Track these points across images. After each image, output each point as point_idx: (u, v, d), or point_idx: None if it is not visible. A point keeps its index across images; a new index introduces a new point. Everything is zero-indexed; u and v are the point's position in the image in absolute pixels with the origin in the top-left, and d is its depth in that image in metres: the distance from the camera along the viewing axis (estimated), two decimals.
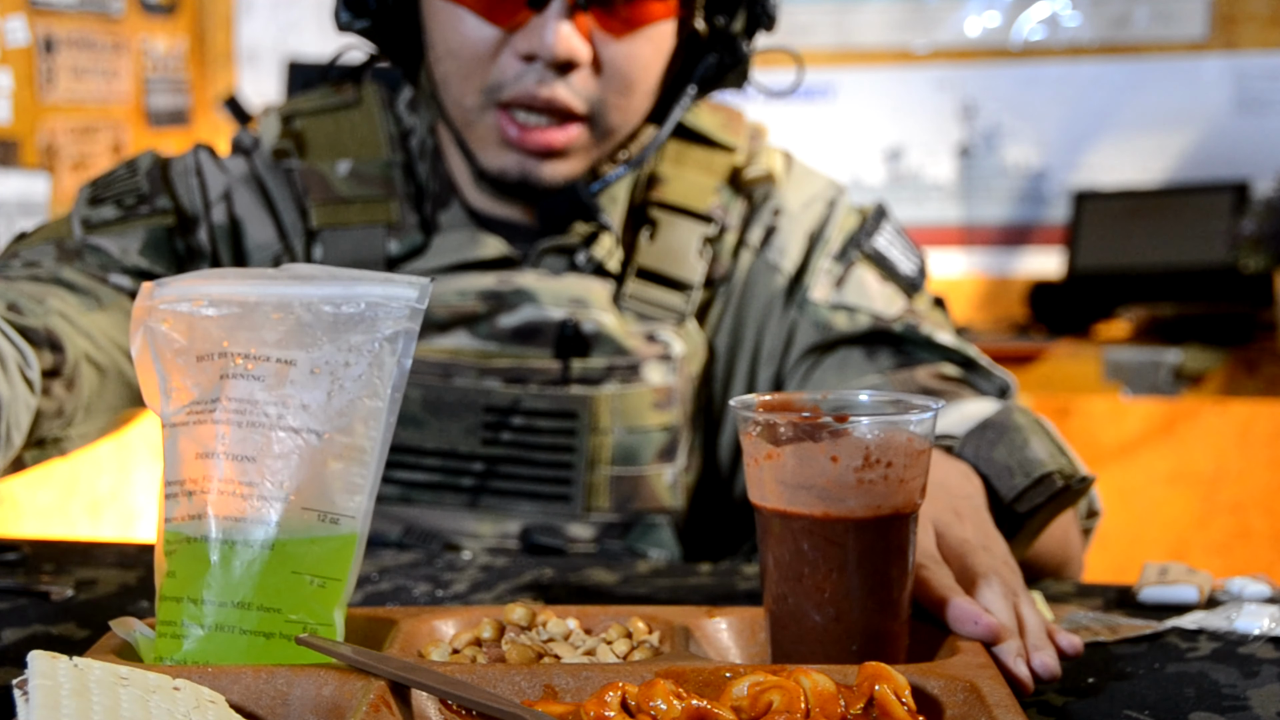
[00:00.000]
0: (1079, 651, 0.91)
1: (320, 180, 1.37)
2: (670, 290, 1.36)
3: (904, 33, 3.84)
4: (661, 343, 1.33)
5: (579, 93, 1.28)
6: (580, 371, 1.31)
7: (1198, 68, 3.64)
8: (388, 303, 0.86)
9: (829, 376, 1.35)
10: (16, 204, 3.47)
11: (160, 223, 1.36)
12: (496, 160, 1.31)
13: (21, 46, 3.63)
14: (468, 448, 1.32)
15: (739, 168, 1.41)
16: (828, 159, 3.82)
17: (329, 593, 0.84)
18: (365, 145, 1.38)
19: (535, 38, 1.25)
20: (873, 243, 1.40)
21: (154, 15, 4.05)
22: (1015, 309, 3.70)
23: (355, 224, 1.36)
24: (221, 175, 1.40)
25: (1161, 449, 3.48)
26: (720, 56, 1.35)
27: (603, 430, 1.32)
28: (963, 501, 1.02)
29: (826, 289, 1.38)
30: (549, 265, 1.35)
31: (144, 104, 4.01)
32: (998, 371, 1.35)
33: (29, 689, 0.70)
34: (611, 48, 1.28)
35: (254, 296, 0.86)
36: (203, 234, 1.37)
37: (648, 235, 1.37)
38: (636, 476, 1.33)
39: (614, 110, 1.30)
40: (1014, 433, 1.14)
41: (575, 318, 1.31)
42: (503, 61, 1.27)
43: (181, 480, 0.85)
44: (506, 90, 1.28)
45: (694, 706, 0.73)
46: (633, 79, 1.29)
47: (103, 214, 1.36)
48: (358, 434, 0.85)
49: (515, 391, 1.31)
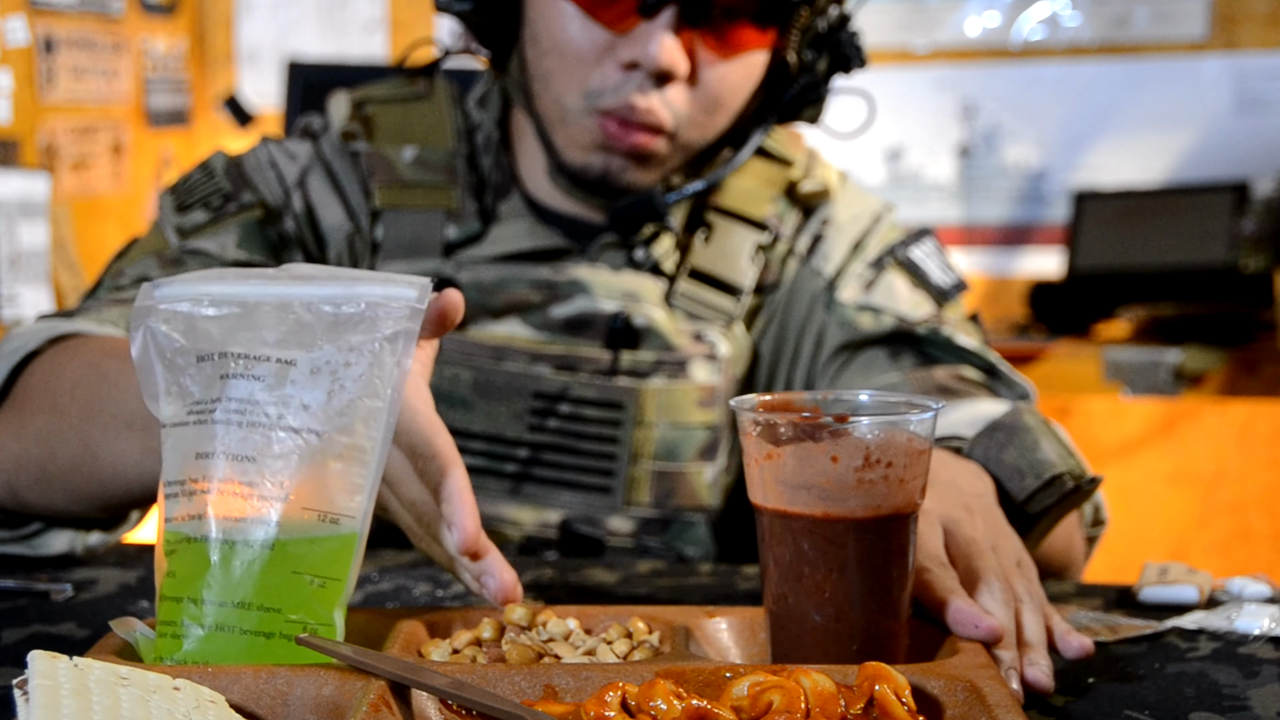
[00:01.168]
0: (1090, 652, 0.91)
1: (385, 163, 1.39)
2: (721, 293, 1.38)
3: (904, 33, 3.85)
4: (708, 342, 1.35)
5: (670, 106, 1.30)
6: (629, 364, 1.33)
7: (1198, 68, 3.64)
8: (388, 303, 0.86)
9: (855, 378, 1.37)
10: (16, 204, 3.48)
11: (250, 216, 1.37)
12: (584, 157, 1.33)
13: (21, 46, 3.63)
14: (514, 433, 1.34)
15: (796, 181, 1.44)
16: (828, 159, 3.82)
17: (329, 593, 0.84)
18: (432, 133, 1.40)
19: (640, 46, 1.27)
20: (908, 252, 1.42)
21: (154, 15, 4.05)
22: (1015, 309, 3.70)
23: (417, 207, 1.38)
24: (293, 164, 1.41)
25: (1161, 449, 3.48)
26: (803, 90, 1.37)
27: (647, 424, 1.33)
28: (974, 499, 1.02)
29: (856, 290, 1.40)
30: (608, 260, 1.37)
31: (144, 104, 4.01)
32: (1018, 379, 1.36)
33: (29, 689, 0.70)
34: (710, 68, 1.30)
35: (254, 296, 0.86)
36: (289, 222, 1.39)
37: (703, 238, 1.39)
38: (677, 473, 1.34)
39: (696, 127, 1.32)
40: (1024, 434, 1.14)
41: (627, 311, 1.34)
42: (605, 67, 1.29)
43: (182, 480, 0.85)
44: (607, 98, 1.29)
45: (694, 706, 0.73)
46: (722, 100, 1.32)
47: (194, 219, 1.37)
48: (358, 434, 0.85)
49: (564, 379, 1.33)
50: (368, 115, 1.42)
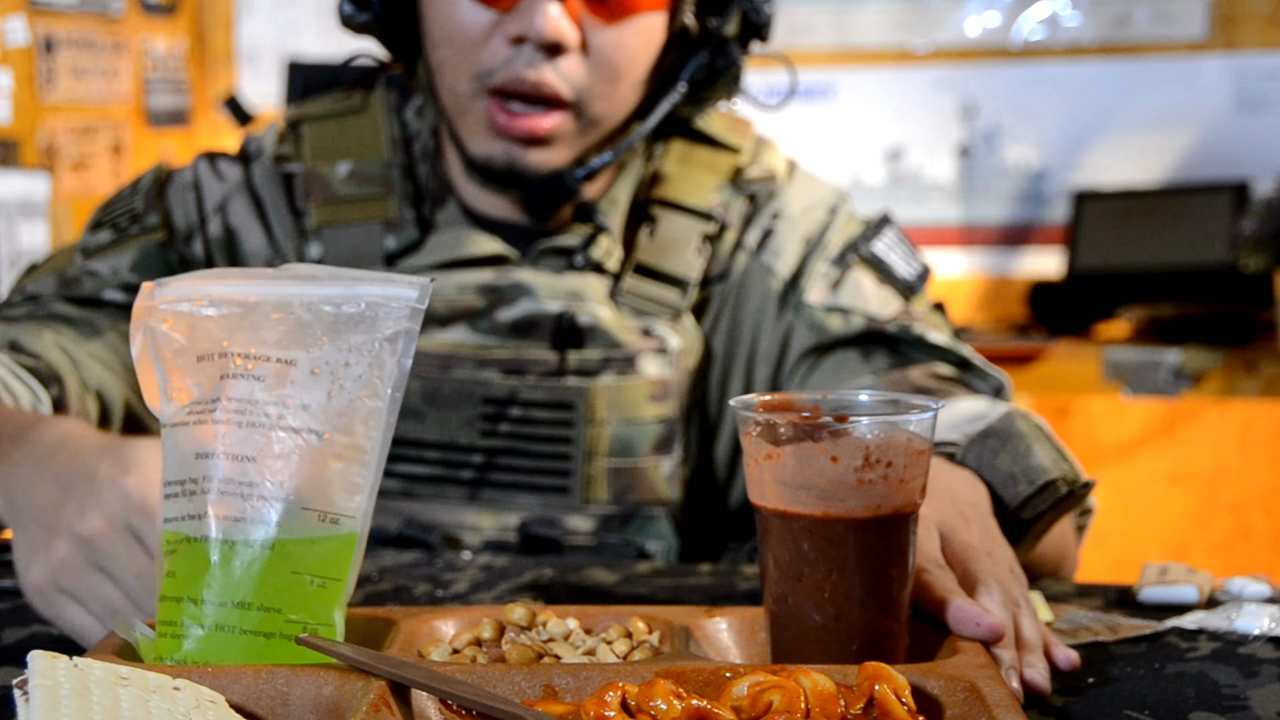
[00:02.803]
0: (1076, 666, 0.91)
1: (320, 181, 1.40)
2: (667, 286, 1.37)
3: (904, 33, 3.85)
4: (657, 337, 1.35)
5: (566, 78, 1.29)
6: (576, 363, 1.33)
7: (1198, 68, 3.64)
8: (388, 303, 0.86)
9: (826, 378, 1.37)
10: (16, 204, 3.48)
11: (151, 239, 1.40)
12: (484, 147, 1.33)
13: (21, 46, 3.63)
14: (467, 439, 1.34)
15: (741, 168, 1.43)
16: (828, 159, 3.82)
17: (329, 593, 0.84)
18: (367, 146, 1.41)
19: (525, 20, 1.27)
20: (871, 247, 1.42)
21: (154, 15, 4.05)
22: (1015, 309, 3.70)
23: (354, 221, 1.38)
24: (219, 185, 1.43)
25: (1161, 449, 3.48)
26: (711, 58, 1.36)
27: (599, 422, 1.33)
28: (969, 508, 1.02)
29: (822, 291, 1.39)
30: (547, 265, 1.37)
31: (144, 104, 4.01)
32: (992, 371, 1.36)
33: (29, 689, 0.70)
34: (599, 34, 1.30)
35: (254, 296, 0.86)
36: (197, 246, 1.41)
37: (648, 232, 1.39)
38: (634, 468, 1.34)
39: (600, 99, 1.32)
40: (1017, 440, 1.14)
41: (571, 311, 1.33)
42: (494, 45, 1.29)
43: (182, 480, 0.85)
44: (497, 75, 1.30)
45: (694, 706, 0.73)
46: (620, 68, 1.31)
47: (99, 239, 1.41)
48: (358, 434, 0.85)
49: (513, 383, 1.33)
50: (301, 135, 1.43)
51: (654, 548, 1.34)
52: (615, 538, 1.34)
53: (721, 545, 1.44)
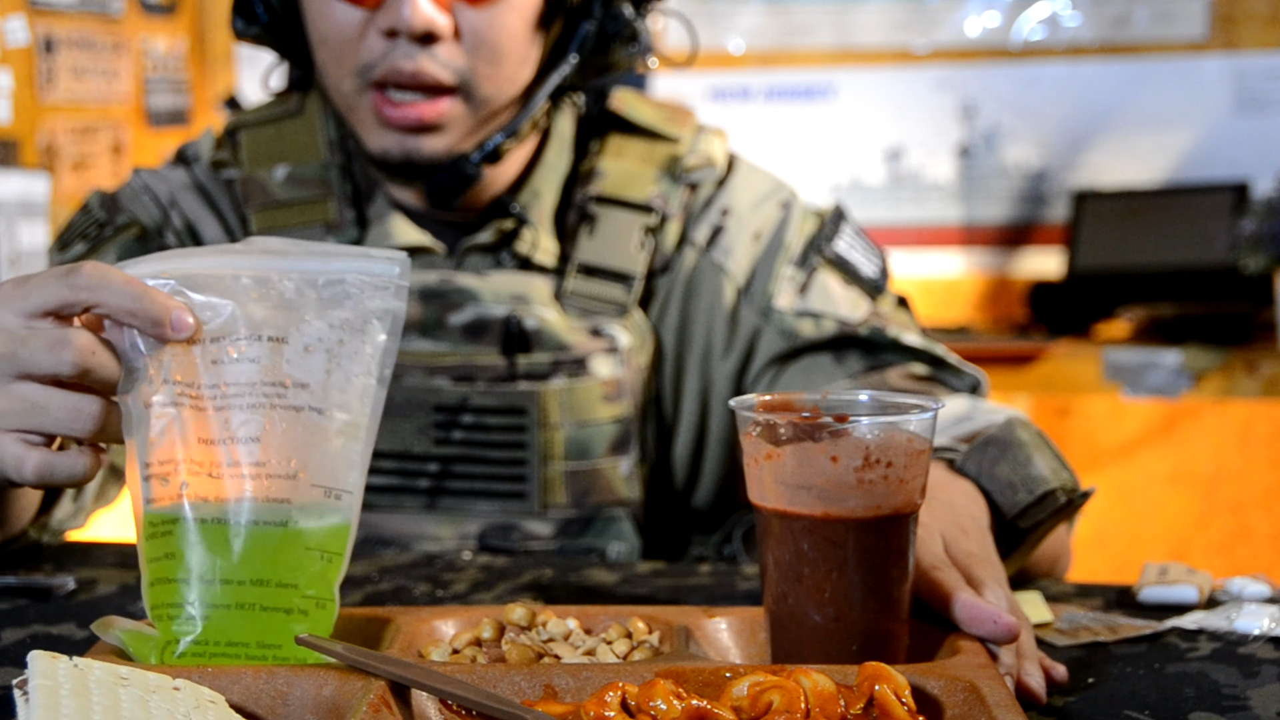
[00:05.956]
0: (1064, 681, 0.91)
1: (259, 186, 1.40)
2: (611, 282, 1.37)
3: (904, 33, 3.84)
4: (607, 336, 1.35)
5: (446, 64, 1.29)
6: (526, 367, 1.33)
7: (1198, 68, 3.64)
8: (373, 279, 0.87)
9: (795, 382, 1.37)
10: (16, 204, 3.47)
11: (128, 235, 1.40)
12: (379, 142, 1.33)
13: (21, 46, 3.63)
14: (421, 448, 1.34)
15: (678, 156, 1.42)
16: (827, 159, 3.82)
17: (333, 568, 0.86)
18: (304, 149, 1.41)
19: (394, 13, 1.27)
20: (834, 247, 1.41)
21: (154, 15, 4.05)
22: (1015, 309, 3.70)
23: (294, 225, 1.38)
24: (165, 186, 1.43)
25: (1161, 449, 3.48)
26: (601, 25, 1.36)
27: (553, 425, 1.33)
28: (969, 522, 1.03)
29: (790, 296, 1.39)
30: (473, 265, 1.37)
31: (144, 104, 4.01)
32: (967, 369, 1.36)
33: (29, 689, 0.70)
34: (471, 16, 1.29)
35: (231, 270, 0.86)
36: (170, 238, 1.41)
37: (588, 231, 1.38)
38: (591, 470, 1.34)
39: (486, 80, 1.31)
40: (1017, 449, 1.14)
41: (517, 314, 1.33)
42: (369, 41, 1.30)
43: (175, 461, 0.85)
44: (376, 69, 1.30)
45: (694, 706, 0.73)
46: (499, 47, 1.30)
47: (74, 251, 1.41)
48: (354, 410, 0.86)
49: (463, 390, 1.33)
50: (238, 142, 1.43)
51: (617, 550, 1.34)
52: (576, 542, 1.34)
53: (685, 542, 1.44)
